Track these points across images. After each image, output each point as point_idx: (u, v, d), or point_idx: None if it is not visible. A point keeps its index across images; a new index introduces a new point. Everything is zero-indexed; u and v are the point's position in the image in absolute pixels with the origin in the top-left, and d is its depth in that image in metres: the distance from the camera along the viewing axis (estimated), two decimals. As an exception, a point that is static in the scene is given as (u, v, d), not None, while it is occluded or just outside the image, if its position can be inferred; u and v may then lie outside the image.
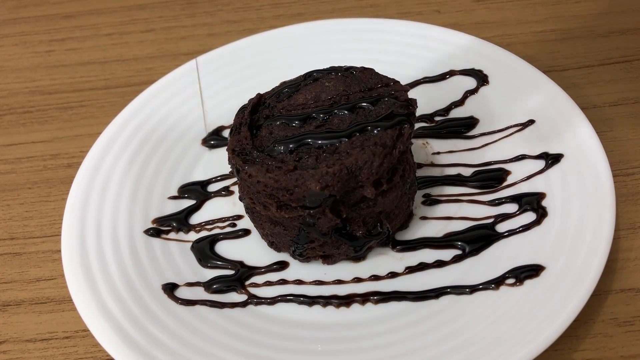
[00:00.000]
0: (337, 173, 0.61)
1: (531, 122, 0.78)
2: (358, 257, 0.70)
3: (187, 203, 0.78)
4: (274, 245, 0.71)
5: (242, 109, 0.71)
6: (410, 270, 0.68)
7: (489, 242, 0.69)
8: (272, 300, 0.68)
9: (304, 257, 0.70)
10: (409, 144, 0.68)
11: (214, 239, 0.74)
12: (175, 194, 0.79)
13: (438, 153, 0.79)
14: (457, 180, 0.76)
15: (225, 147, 0.79)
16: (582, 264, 0.62)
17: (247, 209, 0.72)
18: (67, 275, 0.68)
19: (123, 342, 0.62)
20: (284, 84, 0.73)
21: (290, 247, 0.69)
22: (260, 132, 0.67)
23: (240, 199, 0.71)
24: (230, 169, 0.68)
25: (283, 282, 0.69)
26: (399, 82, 0.70)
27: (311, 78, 0.72)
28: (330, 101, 0.68)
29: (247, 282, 0.70)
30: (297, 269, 0.70)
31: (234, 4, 1.10)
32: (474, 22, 1.00)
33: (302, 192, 0.61)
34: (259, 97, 0.71)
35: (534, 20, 0.98)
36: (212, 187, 0.80)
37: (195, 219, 0.77)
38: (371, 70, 0.72)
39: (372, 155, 0.61)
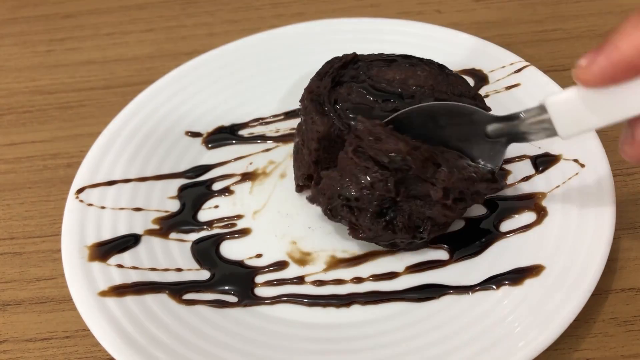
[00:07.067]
0: (422, 148, 0.60)
1: (531, 122, 0.78)
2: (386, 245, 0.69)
3: (187, 203, 0.78)
4: (299, 187, 0.74)
5: (334, 59, 0.73)
6: (410, 270, 0.68)
7: (489, 242, 0.69)
8: (272, 300, 0.68)
9: (335, 216, 0.67)
10: None
11: (214, 239, 0.74)
12: (175, 194, 0.79)
13: (438, 153, 0.79)
14: (457, 180, 0.76)
15: (225, 147, 0.79)
16: (582, 264, 0.62)
17: (295, 148, 0.74)
18: (67, 275, 0.68)
19: (123, 342, 0.62)
20: (382, 55, 0.74)
21: (322, 199, 0.66)
22: (340, 88, 0.69)
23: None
24: (299, 109, 0.70)
25: (283, 282, 0.69)
26: (484, 100, 0.70)
27: (409, 61, 0.72)
28: (414, 90, 0.68)
29: (247, 282, 0.70)
30: (297, 269, 0.70)
31: (234, 4, 1.10)
32: (474, 22, 1.00)
33: (389, 145, 0.60)
34: (354, 55, 0.73)
35: (534, 20, 0.98)
36: (213, 187, 0.80)
37: (196, 218, 0.76)
38: (464, 79, 0.71)
39: (462, 172, 0.61)
